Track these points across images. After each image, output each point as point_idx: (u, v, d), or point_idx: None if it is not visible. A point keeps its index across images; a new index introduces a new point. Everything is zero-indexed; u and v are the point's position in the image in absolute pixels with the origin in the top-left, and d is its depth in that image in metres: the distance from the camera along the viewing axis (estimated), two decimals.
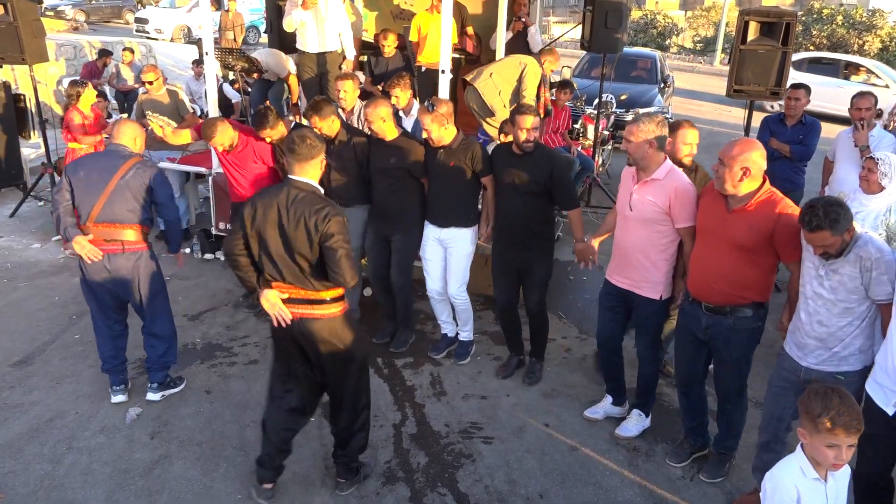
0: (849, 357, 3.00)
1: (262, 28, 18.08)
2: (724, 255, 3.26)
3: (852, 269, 2.87)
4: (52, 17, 19.08)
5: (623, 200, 3.76)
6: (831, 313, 2.97)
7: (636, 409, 4.11)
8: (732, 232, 3.22)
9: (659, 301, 3.75)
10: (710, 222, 3.35)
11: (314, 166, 3.19)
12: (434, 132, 4.33)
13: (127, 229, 3.99)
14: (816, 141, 5.82)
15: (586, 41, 6.85)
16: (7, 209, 7.61)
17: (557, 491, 3.66)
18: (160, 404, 4.28)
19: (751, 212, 3.18)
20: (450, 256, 4.61)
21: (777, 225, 3.13)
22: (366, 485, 3.65)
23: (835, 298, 2.95)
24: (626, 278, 3.81)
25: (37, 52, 6.97)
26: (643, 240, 3.66)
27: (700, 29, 29.05)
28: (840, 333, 2.97)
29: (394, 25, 7.81)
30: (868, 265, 2.83)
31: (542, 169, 4.13)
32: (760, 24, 5.24)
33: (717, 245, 3.29)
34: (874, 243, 2.87)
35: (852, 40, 22.42)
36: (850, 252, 2.87)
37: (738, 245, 3.21)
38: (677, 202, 3.50)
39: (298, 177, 3.17)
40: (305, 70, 6.42)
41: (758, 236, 3.17)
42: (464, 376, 4.70)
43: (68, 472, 3.69)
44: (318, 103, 4.66)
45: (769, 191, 3.22)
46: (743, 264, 3.23)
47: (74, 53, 13.14)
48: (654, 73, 12.01)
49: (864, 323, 2.96)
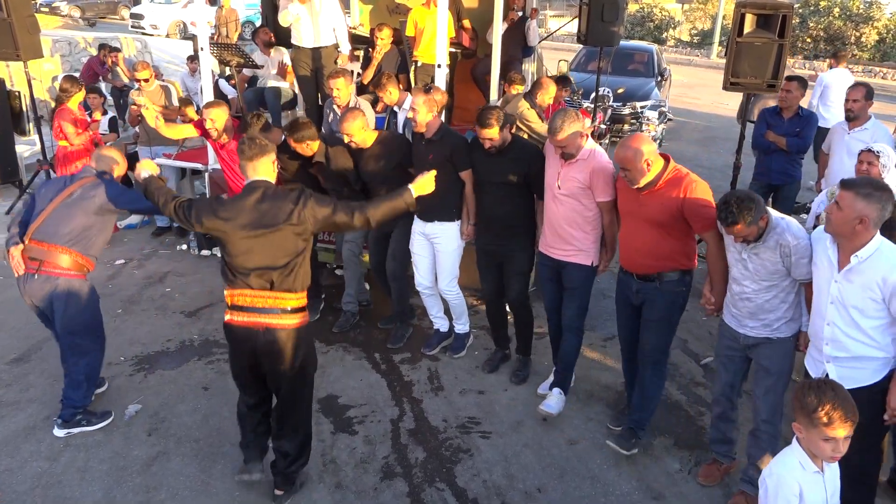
0: (780, 326, 3.26)
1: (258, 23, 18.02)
2: (644, 232, 3.57)
3: (772, 254, 3.10)
4: (47, 13, 19.00)
5: (551, 179, 4.01)
6: (757, 290, 3.22)
7: (556, 387, 4.20)
8: (646, 211, 3.52)
9: (590, 267, 4.04)
10: (627, 204, 3.67)
11: (265, 164, 3.21)
12: (421, 114, 4.32)
13: (57, 251, 3.72)
14: (813, 133, 5.81)
15: (583, 35, 6.82)
16: (3, 206, 7.59)
17: (555, 485, 3.66)
18: (158, 401, 4.28)
19: (660, 191, 3.47)
20: (437, 252, 4.62)
21: (685, 200, 3.40)
22: (364, 480, 3.65)
23: (758, 278, 3.19)
24: (560, 249, 4.06)
25: (31, 48, 6.94)
26: (572, 213, 3.95)
27: (697, 22, 29.03)
28: (767, 306, 3.23)
29: (389, 20, 7.77)
30: (787, 251, 3.06)
31: (521, 163, 4.18)
32: (757, 17, 5.23)
33: (636, 224, 3.62)
34: (791, 230, 3.07)
35: (849, 32, 22.43)
36: (769, 238, 3.09)
37: (653, 222, 3.52)
38: (597, 179, 3.85)
39: (256, 177, 3.20)
40: (301, 65, 6.40)
41: (669, 212, 3.45)
42: (461, 371, 4.70)
43: (65, 469, 3.68)
44: (297, 125, 4.65)
45: (674, 168, 3.50)
46: (661, 238, 3.53)
47: (69, 49, 13.09)
48: (651, 66, 11.98)
49: (790, 296, 3.21)
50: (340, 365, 4.75)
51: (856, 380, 2.84)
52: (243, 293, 3.18)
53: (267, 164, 3.22)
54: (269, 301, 3.17)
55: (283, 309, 3.19)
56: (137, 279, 6.02)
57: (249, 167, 3.19)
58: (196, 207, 3.22)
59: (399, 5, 8.21)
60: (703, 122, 13.53)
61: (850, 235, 2.77)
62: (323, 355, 4.82)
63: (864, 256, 2.76)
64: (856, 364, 2.88)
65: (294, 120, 4.78)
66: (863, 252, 2.76)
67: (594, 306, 4.38)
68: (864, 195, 2.69)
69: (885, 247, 2.77)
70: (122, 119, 10.56)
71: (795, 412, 2.28)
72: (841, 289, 2.84)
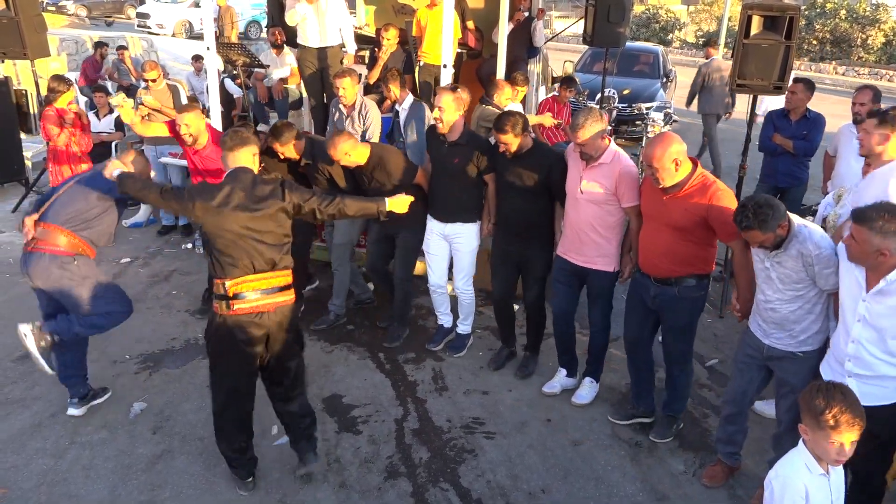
0: (807, 339, 3.17)
1: (264, 23, 18.04)
2: (665, 236, 3.58)
3: (795, 263, 3.03)
4: (54, 12, 19.06)
5: (573, 183, 3.97)
6: (782, 301, 3.15)
7: (588, 376, 4.39)
8: (669, 215, 3.53)
9: (612, 273, 4.07)
10: (650, 207, 3.67)
11: (246, 154, 3.27)
12: (448, 112, 4.25)
13: (56, 231, 3.74)
14: (820, 136, 5.79)
15: (588, 36, 6.82)
16: (9, 204, 7.62)
17: (559, 486, 3.66)
18: (163, 399, 4.29)
19: (684, 197, 3.47)
20: (456, 252, 4.62)
21: (709, 208, 3.40)
22: (368, 480, 3.65)
23: (783, 287, 3.12)
24: (581, 255, 4.06)
25: (38, 46, 6.98)
26: (595, 218, 3.94)
27: (703, 23, 29.00)
28: (793, 317, 3.15)
29: (395, 20, 7.78)
30: (810, 261, 2.98)
31: (541, 167, 4.14)
32: (764, 18, 5.20)
33: (658, 227, 3.62)
34: (812, 239, 2.98)
35: (855, 34, 22.37)
36: (790, 247, 3.02)
37: (675, 226, 3.52)
38: (623, 184, 3.82)
39: (238, 165, 3.25)
40: (306, 65, 6.41)
41: (692, 218, 3.46)
42: (465, 371, 4.70)
43: (70, 466, 3.69)
44: (279, 128, 4.63)
45: (701, 175, 3.49)
46: (682, 242, 3.55)
47: (76, 48, 13.14)
48: (657, 67, 11.98)
49: (817, 307, 3.12)
50: (344, 364, 4.75)
51: (877, 397, 2.80)
52: (246, 280, 3.17)
53: (247, 155, 3.28)
54: (272, 281, 3.22)
55: (287, 286, 3.28)
56: (143, 277, 6.03)
57: (230, 157, 3.27)
58: (189, 189, 3.25)
59: (404, 6, 8.22)
60: None
61: (873, 266, 2.72)
62: (327, 355, 4.83)
63: (893, 279, 2.68)
64: (879, 382, 2.83)
65: (274, 125, 4.74)
66: (892, 276, 2.68)
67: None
68: (878, 229, 2.61)
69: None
70: None
71: (802, 413, 2.27)
72: (869, 308, 2.77)
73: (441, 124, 4.30)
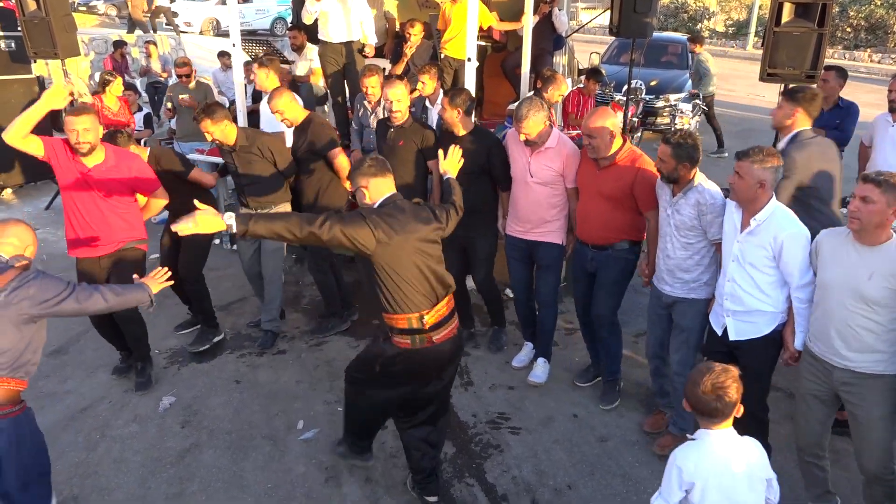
0: (696, 287, 3.57)
1: (289, 19, 18.13)
2: (600, 205, 3.88)
3: (691, 210, 3.42)
4: (84, 12, 19.36)
5: (522, 169, 4.15)
6: (675, 247, 3.55)
7: (541, 357, 4.53)
8: (602, 186, 3.84)
9: (561, 245, 4.27)
10: (586, 179, 3.97)
11: (391, 181, 3.10)
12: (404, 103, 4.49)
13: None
14: (854, 125, 5.63)
15: (615, 26, 6.71)
16: (42, 202, 7.77)
17: (586, 482, 3.63)
18: (191, 393, 4.34)
19: (615, 168, 3.80)
20: None
21: (636, 178, 3.73)
22: (394, 475, 3.66)
23: (678, 235, 3.52)
24: (531, 232, 4.25)
25: (68, 46, 7.09)
26: (545, 198, 4.14)
27: (732, 12, 28.40)
28: (684, 265, 3.55)
29: (419, 14, 7.76)
30: (704, 209, 3.38)
31: (481, 150, 4.23)
32: (795, 6, 5.08)
33: (592, 197, 3.92)
34: (709, 192, 3.39)
35: (891, 21, 21.77)
36: (690, 195, 3.41)
37: (607, 196, 3.83)
38: (570, 166, 4.06)
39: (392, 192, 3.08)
40: (329, 61, 6.34)
41: (623, 188, 3.77)
42: (491, 367, 4.68)
43: (101, 459, 3.76)
44: (210, 106, 4.43)
45: (630, 148, 3.83)
46: (614, 211, 3.86)
47: (105, 48, 13.32)
48: (685, 58, 11.78)
49: (705, 258, 3.51)
50: None
51: (750, 332, 3.23)
52: (438, 309, 3.01)
53: (392, 182, 3.10)
54: (451, 304, 3.10)
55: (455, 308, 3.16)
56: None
57: (383, 183, 3.05)
58: (369, 216, 2.86)
59: (429, 0, 8.19)
60: (738, 114, 13.28)
61: (752, 199, 3.06)
62: (353, 350, 4.84)
63: (762, 219, 3.07)
64: (750, 318, 3.22)
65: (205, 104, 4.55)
66: (760, 215, 3.07)
67: (626, 301, 4.32)
68: (759, 161, 3.00)
69: (779, 210, 3.08)
70: (157, 115, 10.74)
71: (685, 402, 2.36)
72: (741, 248, 3.16)
73: (398, 114, 4.49)
